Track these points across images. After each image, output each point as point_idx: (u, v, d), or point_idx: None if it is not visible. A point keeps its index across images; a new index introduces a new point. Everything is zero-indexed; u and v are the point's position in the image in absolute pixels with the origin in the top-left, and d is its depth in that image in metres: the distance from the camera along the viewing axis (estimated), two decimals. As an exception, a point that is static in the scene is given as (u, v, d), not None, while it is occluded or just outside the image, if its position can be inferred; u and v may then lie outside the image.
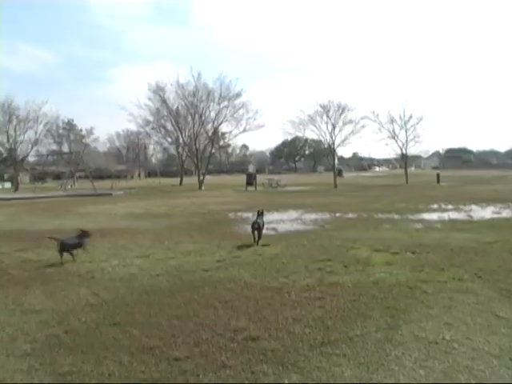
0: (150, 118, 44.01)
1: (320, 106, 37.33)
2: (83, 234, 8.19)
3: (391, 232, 10.53)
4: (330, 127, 37.28)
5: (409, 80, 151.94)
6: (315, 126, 37.93)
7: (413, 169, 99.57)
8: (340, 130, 37.34)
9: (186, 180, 54.43)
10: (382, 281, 6.23)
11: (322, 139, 39.93)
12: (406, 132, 40.29)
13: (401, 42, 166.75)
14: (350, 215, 14.52)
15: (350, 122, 37.13)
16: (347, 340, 4.38)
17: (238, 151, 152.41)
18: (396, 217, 13.59)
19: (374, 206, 17.24)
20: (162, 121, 44.28)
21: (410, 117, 39.72)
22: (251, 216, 15.05)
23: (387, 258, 7.58)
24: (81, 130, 79.38)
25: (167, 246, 9.38)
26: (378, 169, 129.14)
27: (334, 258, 7.70)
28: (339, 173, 47.44)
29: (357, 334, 4.51)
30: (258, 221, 9.80)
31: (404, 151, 41.11)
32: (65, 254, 7.86)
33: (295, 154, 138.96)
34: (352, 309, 5.17)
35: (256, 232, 9.39)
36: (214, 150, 49.43)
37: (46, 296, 5.91)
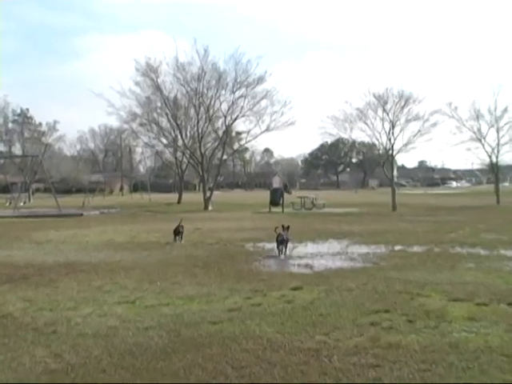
0: (138, 111, 44.76)
1: (374, 95, 37.37)
2: None
3: (476, 273, 10.41)
4: (387, 125, 37.30)
5: (503, 57, 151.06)
6: (366, 123, 37.91)
7: (507, 184, 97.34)
8: (402, 130, 37.25)
9: (186, 197, 54.96)
10: (464, 344, 6.12)
11: (376, 142, 39.81)
12: (498, 132, 39.89)
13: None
14: (416, 248, 14.42)
15: (417, 118, 37.02)
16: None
17: (258, 158, 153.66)
18: (482, 252, 13.47)
19: (451, 237, 17.09)
20: (155, 114, 44.97)
21: (505, 110, 39.32)
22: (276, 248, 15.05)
23: (471, 311, 7.46)
24: (39, 124, 79.20)
25: (160, 288, 9.42)
26: (455, 184, 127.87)
27: (393, 308, 7.64)
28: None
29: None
30: (283, 233, 10.45)
31: (494, 159, 40.62)
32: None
33: (338, 163, 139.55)
34: None
35: (281, 246, 10.36)
36: (225, 156, 49.68)
37: (-10, 357, 5.96)
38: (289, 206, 35.02)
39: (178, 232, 18.48)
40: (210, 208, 37.99)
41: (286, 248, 13.88)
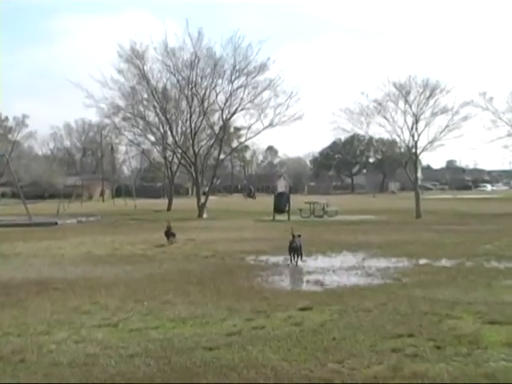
0: (121, 103, 44.77)
1: (394, 85, 37.37)
2: None
3: (515, 292, 10.39)
4: (409, 120, 37.29)
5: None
6: (386, 117, 37.95)
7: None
8: (427, 125, 37.28)
9: (177, 202, 54.91)
10: (503, 374, 6.07)
11: (397, 139, 39.93)
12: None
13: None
14: (445, 262, 14.40)
15: (444, 110, 37.00)
16: None
17: (260, 158, 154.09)
18: (522, 267, 13.42)
19: (485, 249, 17.08)
20: (141, 107, 45.06)
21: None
22: (282, 261, 15.08)
23: (510, 336, 7.42)
24: (5, 118, 78.61)
25: (148, 308, 9.40)
26: (489, 187, 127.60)
27: (418, 332, 7.62)
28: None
29: None
30: (296, 240, 11.08)
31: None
32: None
33: (352, 164, 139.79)
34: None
35: (293, 253, 12.37)
36: (222, 156, 49.78)
37: None
38: (296, 213, 34.99)
39: (169, 233, 18.76)
40: (204, 216, 37.98)
41: (298, 256, 14.21)
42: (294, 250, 14.12)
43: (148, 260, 15.77)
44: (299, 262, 14.22)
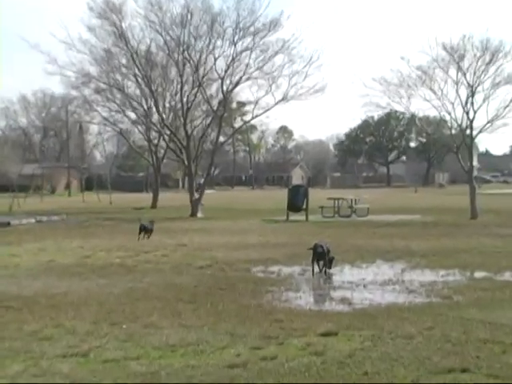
0: (93, 70, 44.97)
1: (444, 47, 37.15)
2: None
3: None
4: (463, 92, 37.13)
5: None
6: (432, 89, 37.74)
7: None
8: (486, 98, 37.02)
9: (164, 197, 55.01)
10: None
11: (447, 117, 39.68)
12: None
13: None
14: (509, 276, 14.40)
15: (509, 80, 36.74)
16: None
17: (271, 141, 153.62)
18: None
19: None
20: (118, 76, 45.15)
21: None
22: (299, 272, 15.06)
23: None
24: None
25: (127, 332, 9.41)
26: None
27: (474, 366, 7.59)
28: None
29: None
30: (322, 243, 12.85)
31: None
32: None
33: (388, 149, 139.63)
34: None
35: (318, 261, 12.57)
36: (222, 139, 49.79)
37: None
38: (316, 211, 34.93)
39: (143, 228, 19.09)
40: (199, 214, 37.98)
41: (327, 265, 14.43)
42: (320, 256, 14.18)
43: (127, 271, 15.75)
44: (328, 272, 14.45)
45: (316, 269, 14.58)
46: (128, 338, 9.07)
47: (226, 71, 41.30)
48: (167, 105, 46.39)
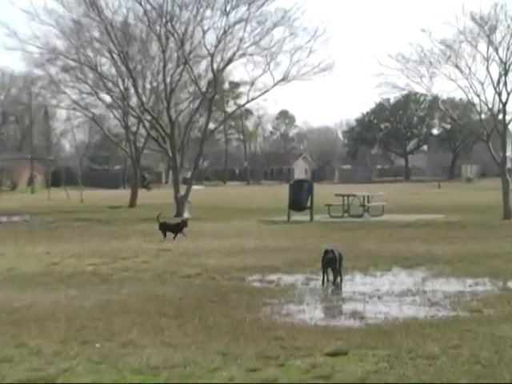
0: (61, 45, 44.92)
1: (472, 17, 37.10)
2: None
3: None
4: (495, 70, 37.10)
5: None
6: (458, 67, 37.77)
7: None
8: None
9: (145, 194, 54.91)
10: None
11: (476, 99, 39.71)
12: None
13: None
14: (547, 286, 14.34)
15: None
16: None
17: (269, 129, 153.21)
18: None
19: None
20: (90, 52, 44.96)
21: None
22: (303, 282, 15.07)
23: None
24: None
25: (101, 353, 9.37)
26: None
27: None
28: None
29: None
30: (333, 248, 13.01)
31: None
32: None
33: (407, 136, 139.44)
34: None
35: (329, 269, 12.93)
36: (212, 125, 49.72)
37: None
38: (322, 210, 34.96)
39: (164, 226, 19.67)
40: (185, 214, 37.82)
41: (338, 272, 14.50)
42: (330, 263, 14.27)
43: (102, 281, 15.73)
44: (338, 282, 14.53)
45: (332, 277, 14.64)
46: (102, 360, 9.01)
47: (216, 46, 41.16)
48: (148, 86, 46.39)
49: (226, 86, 52.18)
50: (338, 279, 14.58)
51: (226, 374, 8.27)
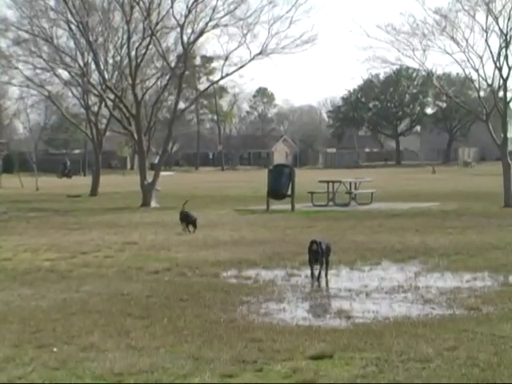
0: (12, 15, 44.87)
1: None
2: None
3: None
4: (494, 41, 37.21)
5: None
6: (454, 38, 37.85)
7: None
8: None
9: (107, 182, 54.79)
10: None
11: (474, 75, 39.80)
12: None
13: None
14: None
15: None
16: None
17: (246, 108, 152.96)
18: None
19: None
20: (45, 22, 44.73)
21: None
22: (283, 277, 15.09)
23: None
24: None
25: (59, 358, 9.33)
26: None
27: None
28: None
29: None
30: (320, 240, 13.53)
31: None
32: None
33: (398, 116, 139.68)
34: None
35: (316, 260, 13.35)
36: (183, 104, 49.55)
37: None
38: (305, 199, 34.99)
39: (186, 217, 19.91)
40: (153, 204, 37.88)
41: (324, 266, 14.74)
42: (316, 256, 14.41)
43: (60, 277, 15.67)
44: (322, 276, 14.70)
45: (317, 272, 14.72)
46: (60, 365, 8.96)
47: (186, 16, 41.13)
48: (110, 60, 46.20)
49: (198, 60, 52.06)
50: (323, 274, 14.64)
51: (198, 381, 8.29)
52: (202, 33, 41.60)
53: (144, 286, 14.49)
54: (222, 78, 47.27)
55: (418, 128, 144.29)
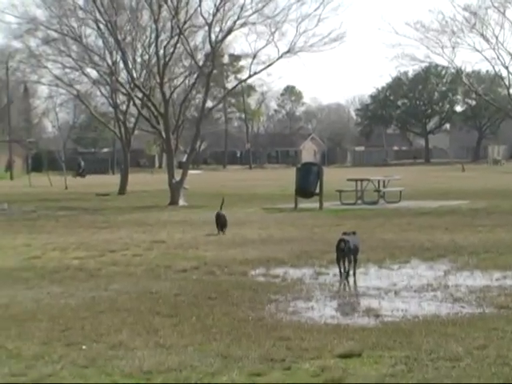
0: (41, 14, 44.87)
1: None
2: None
3: None
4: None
5: None
6: (483, 36, 37.75)
7: None
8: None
9: (136, 180, 54.89)
10: None
11: (504, 72, 39.72)
12: None
13: None
14: None
15: None
16: None
17: (274, 107, 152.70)
18: None
19: None
20: (74, 22, 44.83)
21: None
22: (311, 276, 15.06)
23: None
24: None
25: (88, 355, 9.36)
26: None
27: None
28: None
29: None
30: (348, 238, 14.06)
31: None
32: None
33: (427, 114, 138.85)
34: None
35: (344, 258, 13.98)
36: (210, 103, 49.60)
37: None
38: (333, 197, 34.94)
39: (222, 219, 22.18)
40: (181, 202, 37.90)
41: (352, 264, 14.68)
42: (343, 254, 14.42)
43: (88, 276, 15.71)
44: (350, 273, 14.70)
45: (346, 271, 14.71)
46: (89, 363, 8.98)
47: (214, 15, 40.94)
48: (138, 59, 46.31)
49: (226, 59, 52.11)
50: (351, 272, 14.62)
51: (226, 379, 8.26)
52: (229, 31, 41.57)
53: (172, 284, 14.51)
54: (250, 76, 47.31)
55: (448, 126, 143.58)
